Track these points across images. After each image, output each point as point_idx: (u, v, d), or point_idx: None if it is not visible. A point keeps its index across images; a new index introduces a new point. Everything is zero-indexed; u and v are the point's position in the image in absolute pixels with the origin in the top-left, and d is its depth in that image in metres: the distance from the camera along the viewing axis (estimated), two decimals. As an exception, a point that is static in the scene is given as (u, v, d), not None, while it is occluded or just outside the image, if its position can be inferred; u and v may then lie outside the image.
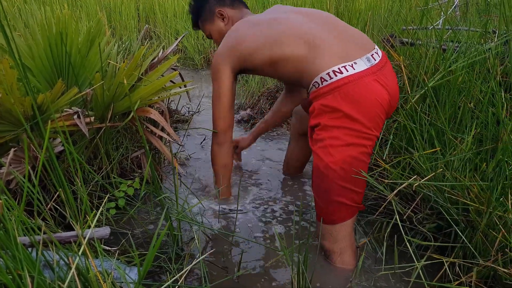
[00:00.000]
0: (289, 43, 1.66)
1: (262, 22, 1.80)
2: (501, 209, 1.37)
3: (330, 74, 1.55)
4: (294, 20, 1.74)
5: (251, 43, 1.74)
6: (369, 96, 1.52)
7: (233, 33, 1.83)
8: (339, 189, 1.57)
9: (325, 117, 1.55)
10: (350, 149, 1.53)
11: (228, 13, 1.99)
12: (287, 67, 1.67)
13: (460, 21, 3.13)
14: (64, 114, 1.57)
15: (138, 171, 2.15)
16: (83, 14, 5.07)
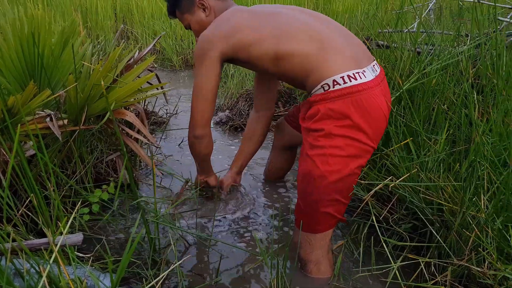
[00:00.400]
0: (299, 38, 1.55)
1: (263, 13, 1.68)
2: (474, 209, 1.40)
3: (345, 78, 1.47)
4: (300, 17, 1.64)
5: (253, 33, 1.61)
6: (377, 109, 1.48)
7: (228, 19, 1.68)
8: (329, 201, 1.52)
9: (330, 124, 1.47)
10: (350, 161, 1.48)
11: (210, 3, 1.81)
12: (293, 63, 1.56)
13: (434, 24, 3.18)
14: (37, 117, 1.54)
15: (114, 175, 2.12)
16: (58, 14, 5.00)
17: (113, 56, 1.76)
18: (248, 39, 1.60)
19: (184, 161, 2.63)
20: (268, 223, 1.99)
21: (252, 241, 1.86)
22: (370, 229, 1.78)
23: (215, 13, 1.81)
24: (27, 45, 1.70)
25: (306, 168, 1.53)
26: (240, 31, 1.62)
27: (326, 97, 1.48)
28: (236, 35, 1.62)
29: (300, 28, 1.58)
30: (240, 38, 1.61)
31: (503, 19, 2.35)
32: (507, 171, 1.37)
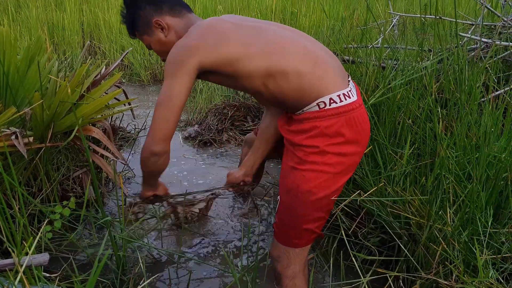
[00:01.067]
0: (293, 56, 1.48)
1: (249, 27, 1.57)
2: (440, 222, 1.43)
3: (341, 96, 1.45)
4: (286, 34, 1.57)
5: (242, 46, 1.49)
6: (366, 126, 1.50)
7: (213, 27, 1.54)
8: (314, 217, 1.51)
9: (325, 141, 1.45)
10: (339, 178, 1.48)
11: (168, 21, 1.67)
12: (287, 81, 1.47)
13: (398, 39, 3.26)
14: (2, 134, 1.51)
15: (80, 191, 2.08)
16: (24, 29, 4.90)
17: (80, 72, 1.74)
18: (238, 53, 1.48)
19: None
20: (238, 235, 1.98)
21: (221, 255, 1.85)
22: (339, 242, 1.80)
23: (176, 32, 1.68)
24: (-9, 62, 1.66)
25: (293, 182, 1.49)
26: (227, 43, 1.49)
27: (322, 115, 1.45)
28: (223, 47, 1.49)
29: (291, 45, 1.52)
30: (228, 51, 1.49)
31: (464, 34, 2.43)
32: (472, 184, 1.41)
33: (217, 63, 1.50)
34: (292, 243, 1.57)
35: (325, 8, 4.95)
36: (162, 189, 1.86)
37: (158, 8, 1.68)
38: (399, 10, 4.38)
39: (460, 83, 1.89)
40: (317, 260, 1.80)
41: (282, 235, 1.58)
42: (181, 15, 1.69)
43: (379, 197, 1.68)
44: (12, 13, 5.48)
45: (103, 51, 5.35)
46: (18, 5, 5.92)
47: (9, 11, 5.56)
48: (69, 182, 2.07)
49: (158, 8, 1.68)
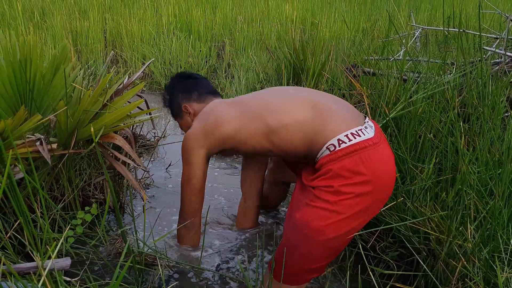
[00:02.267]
0: (290, 109, 1.56)
1: (243, 98, 1.77)
2: (460, 238, 1.41)
3: (349, 136, 1.44)
4: (283, 92, 1.71)
5: (234, 121, 1.65)
6: (384, 165, 1.45)
7: (208, 114, 1.76)
8: (319, 257, 1.46)
9: (340, 182, 1.40)
10: (352, 220, 1.41)
11: (194, 107, 1.94)
12: (291, 133, 1.53)
13: (420, 52, 3.25)
14: (27, 140, 1.54)
15: (101, 197, 2.11)
16: (49, 37, 5.01)
17: (104, 82, 1.77)
18: (234, 127, 1.64)
19: (173, 184, 2.62)
20: (254, 249, 1.98)
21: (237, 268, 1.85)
22: (356, 256, 1.78)
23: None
24: (19, 71, 1.70)
25: (301, 218, 1.44)
26: (221, 124, 1.67)
27: (334, 157, 1.43)
28: (218, 129, 1.67)
29: (287, 101, 1.61)
30: (222, 131, 1.66)
31: (488, 48, 2.41)
32: (494, 200, 1.39)
33: (220, 144, 1.69)
34: (289, 281, 1.51)
35: (346, 19, 4.96)
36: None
37: (188, 95, 1.97)
38: (422, 22, 4.36)
39: (483, 97, 1.88)
40: (335, 273, 1.78)
41: (279, 272, 1.50)
42: (206, 101, 1.93)
43: (398, 211, 1.67)
44: (38, 21, 5.61)
45: (125, 60, 5.43)
46: (43, 13, 6.05)
47: (34, 18, 5.70)
48: (90, 188, 2.10)
49: (188, 96, 1.97)
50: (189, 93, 1.97)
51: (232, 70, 4.70)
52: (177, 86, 2.02)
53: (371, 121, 1.56)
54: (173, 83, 2.05)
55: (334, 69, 3.09)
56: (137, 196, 2.44)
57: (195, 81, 2.02)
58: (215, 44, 5.57)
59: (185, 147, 1.75)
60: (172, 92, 2.03)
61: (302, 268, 1.47)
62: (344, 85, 2.78)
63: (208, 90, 1.99)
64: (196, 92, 1.96)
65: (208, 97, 1.95)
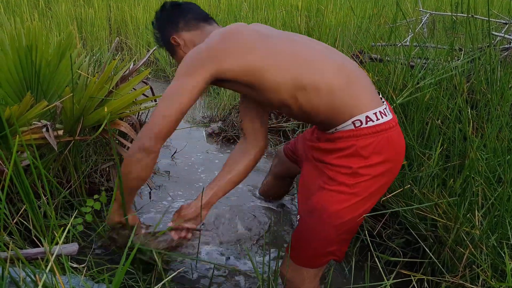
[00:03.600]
0: (325, 70, 1.40)
1: (274, 36, 1.48)
2: (468, 225, 1.40)
3: (377, 115, 1.37)
4: (318, 47, 1.49)
5: (269, 56, 1.40)
6: (401, 145, 1.43)
7: (236, 34, 1.45)
8: (337, 240, 1.43)
9: (359, 163, 1.36)
10: (368, 200, 1.40)
11: (184, 37, 1.64)
12: (317, 96, 1.38)
13: (428, 38, 3.22)
14: (33, 127, 1.54)
15: (107, 184, 2.12)
16: (54, 24, 5.00)
17: (109, 69, 1.76)
18: (264, 63, 1.39)
19: (177, 172, 2.63)
20: (260, 241, 1.98)
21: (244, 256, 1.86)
22: (362, 243, 1.78)
23: (194, 46, 1.58)
24: (25, 57, 1.70)
25: (318, 203, 1.40)
26: (253, 51, 1.40)
27: (358, 133, 1.37)
28: (248, 56, 1.39)
29: (324, 60, 1.43)
30: (253, 60, 1.39)
31: (497, 34, 2.38)
32: (502, 187, 1.38)
33: (238, 72, 1.40)
34: (308, 263, 1.49)
35: (352, 6, 4.91)
36: (132, 218, 1.60)
37: (174, 25, 1.65)
38: (429, 8, 4.31)
39: (492, 83, 1.86)
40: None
41: (298, 255, 1.49)
42: (198, 28, 1.64)
43: (405, 198, 1.67)
44: (43, 8, 5.59)
45: (130, 47, 5.41)
46: (48, 0, 6.03)
47: (39, 5, 5.68)
48: (97, 175, 2.10)
49: (175, 26, 1.65)
50: (175, 23, 1.66)
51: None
52: (161, 18, 1.71)
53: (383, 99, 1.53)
54: (157, 17, 1.71)
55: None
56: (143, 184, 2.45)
57: (179, 8, 1.68)
58: (220, 31, 5.53)
59: (191, 58, 1.44)
60: (159, 27, 1.71)
61: (320, 251, 1.46)
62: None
63: (197, 15, 1.67)
64: (182, 20, 1.65)
65: (200, 23, 1.65)
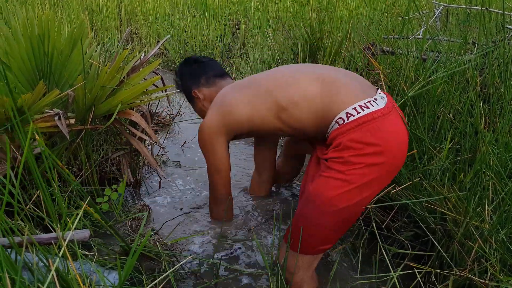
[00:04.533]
0: (298, 84, 1.58)
1: (252, 80, 1.75)
2: (477, 219, 1.40)
3: (357, 108, 1.46)
4: (293, 68, 1.71)
5: (247, 105, 1.66)
6: (396, 132, 1.46)
7: (220, 103, 1.76)
8: (331, 228, 1.48)
9: (350, 153, 1.43)
10: (364, 191, 1.43)
11: (204, 92, 1.96)
12: (297, 110, 1.56)
13: (441, 31, 3.19)
14: (45, 115, 1.55)
15: (117, 173, 2.13)
16: (65, 14, 5.01)
17: (120, 58, 1.77)
18: (243, 114, 1.66)
19: (186, 162, 2.64)
20: (269, 226, 1.99)
21: (251, 243, 1.87)
22: (370, 235, 1.78)
23: (210, 100, 1.92)
24: (37, 45, 1.71)
25: (314, 189, 1.47)
26: (232, 111, 1.69)
27: (343, 130, 1.46)
28: (232, 116, 1.69)
29: (295, 76, 1.61)
30: (235, 118, 1.68)
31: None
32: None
33: (236, 130, 1.72)
34: (304, 251, 1.52)
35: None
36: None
37: (196, 80, 1.98)
38: (443, 0, 4.27)
39: (505, 78, 1.84)
40: (347, 251, 1.79)
41: (294, 241, 1.53)
42: (215, 84, 1.95)
43: (414, 191, 1.66)
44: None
45: (140, 37, 5.42)
46: (59, -10, 6.05)
47: (51, -5, 5.69)
48: (107, 164, 2.12)
49: (197, 81, 1.97)
50: (197, 78, 1.98)
51: (247, 48, 4.67)
52: (185, 72, 2.02)
53: (383, 93, 1.57)
54: (181, 69, 2.04)
55: (352, 47, 3.04)
56: (153, 173, 2.46)
57: (202, 65, 2.01)
58: (230, 23, 5.52)
59: (203, 138, 1.78)
60: (181, 78, 2.04)
61: (316, 239, 1.49)
62: (361, 64, 2.75)
63: (216, 72, 1.99)
64: (203, 77, 1.97)
65: (217, 80, 1.97)
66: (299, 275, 1.55)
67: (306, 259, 1.53)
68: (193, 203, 2.17)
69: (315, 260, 1.56)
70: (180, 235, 1.87)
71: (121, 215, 1.90)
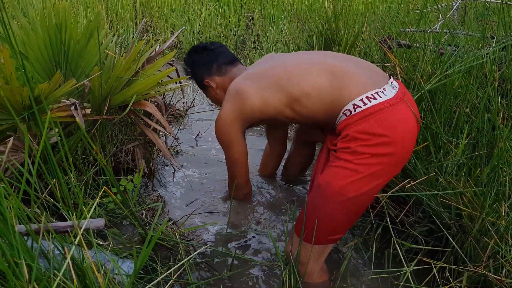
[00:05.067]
0: (309, 76, 1.60)
1: (264, 70, 1.76)
2: (494, 215, 1.38)
3: (364, 100, 1.48)
4: (305, 57, 1.72)
5: (259, 95, 1.68)
6: (404, 121, 1.47)
7: (234, 93, 1.76)
8: (340, 218, 1.49)
9: (357, 143, 1.45)
10: (372, 180, 1.45)
11: (216, 81, 1.97)
12: (308, 101, 1.59)
13: (458, 25, 3.14)
14: (61, 105, 1.57)
15: (131, 163, 2.15)
16: (81, 6, 5.04)
17: (136, 49, 1.78)
18: (257, 103, 1.68)
19: (199, 153, 2.65)
20: (280, 220, 1.99)
21: (265, 236, 1.87)
22: (384, 230, 1.78)
23: (223, 89, 1.95)
24: (54, 36, 1.72)
25: (325, 178, 1.49)
26: (246, 101, 1.70)
27: (350, 121, 1.49)
28: (245, 107, 1.71)
29: (307, 67, 1.63)
30: (250, 106, 1.70)
31: (530, 22, 2.30)
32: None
33: (250, 119, 1.75)
34: (314, 240, 1.53)
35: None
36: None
37: (208, 69, 1.98)
38: (460, -6, 4.21)
39: (524, 72, 1.81)
40: (359, 246, 1.78)
41: (304, 231, 1.54)
42: (227, 72, 1.96)
43: (430, 186, 1.65)
44: (70, -11, 5.63)
45: (154, 29, 5.43)
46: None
47: (67, -14, 5.71)
48: (122, 154, 2.13)
49: (208, 69, 1.98)
50: (208, 67, 1.98)
51: (262, 41, 4.66)
52: (195, 60, 2.02)
53: (396, 81, 1.59)
54: (192, 58, 2.04)
55: (368, 40, 3.02)
56: (167, 164, 2.48)
57: (212, 52, 2.00)
58: (244, 15, 5.51)
59: (220, 130, 1.80)
60: (192, 66, 2.04)
61: (325, 228, 1.51)
62: (377, 57, 2.73)
63: (227, 60, 1.99)
64: (215, 64, 1.97)
65: (228, 67, 1.97)
66: (309, 266, 1.56)
67: (316, 249, 1.54)
68: (207, 193, 2.18)
69: (325, 251, 1.58)
70: (195, 224, 1.88)
71: (136, 205, 1.91)
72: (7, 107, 1.47)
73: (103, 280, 0.98)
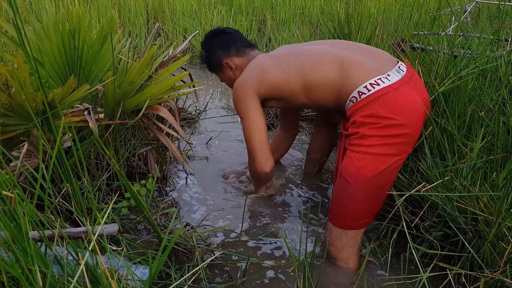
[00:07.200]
0: (321, 67, 1.70)
1: (285, 54, 1.87)
2: (510, 220, 1.36)
3: (368, 86, 1.58)
4: (320, 48, 1.82)
5: (279, 71, 1.79)
6: (408, 105, 1.56)
7: (256, 66, 1.88)
8: (364, 199, 1.59)
9: (364, 128, 1.57)
10: (387, 159, 1.55)
11: (235, 62, 2.05)
12: (323, 90, 1.71)
13: (472, 27, 3.11)
14: (75, 110, 1.58)
15: (144, 168, 2.15)
16: (94, 10, 5.08)
17: (150, 54, 1.78)
18: (276, 78, 1.79)
19: (212, 157, 2.65)
20: (297, 220, 1.98)
21: (279, 239, 1.86)
22: (399, 234, 1.76)
23: (241, 70, 2.03)
24: (68, 40, 1.74)
25: (344, 165, 1.62)
26: (267, 72, 1.81)
27: (356, 107, 1.61)
28: (265, 77, 1.81)
29: (320, 58, 1.74)
30: (270, 78, 1.80)
31: (544, 24, 2.28)
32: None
33: (267, 90, 1.82)
34: (345, 226, 1.64)
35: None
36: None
37: (227, 51, 2.06)
38: (473, -4, 4.18)
39: (539, 75, 1.78)
40: (376, 250, 1.77)
41: (335, 217, 1.67)
42: (245, 54, 2.05)
43: (445, 190, 1.63)
44: (84, -6, 5.68)
45: (167, 33, 5.45)
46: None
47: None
48: (134, 159, 2.14)
49: (227, 51, 2.06)
50: (227, 49, 2.06)
51: (274, 44, 4.65)
52: (214, 42, 2.10)
53: (404, 64, 1.70)
54: (209, 40, 2.12)
55: (381, 43, 3.00)
56: (179, 169, 2.48)
57: (230, 36, 2.09)
58: (256, 18, 5.51)
59: (238, 96, 1.87)
60: (210, 49, 2.11)
61: (353, 212, 1.62)
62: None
63: (245, 43, 2.09)
64: (233, 47, 2.06)
65: (247, 50, 2.07)
66: (345, 252, 1.67)
67: (349, 234, 1.66)
68: (220, 197, 2.18)
69: (358, 236, 1.68)
70: (208, 228, 1.88)
71: (150, 210, 1.92)
72: (21, 112, 1.48)
73: (117, 286, 0.98)
